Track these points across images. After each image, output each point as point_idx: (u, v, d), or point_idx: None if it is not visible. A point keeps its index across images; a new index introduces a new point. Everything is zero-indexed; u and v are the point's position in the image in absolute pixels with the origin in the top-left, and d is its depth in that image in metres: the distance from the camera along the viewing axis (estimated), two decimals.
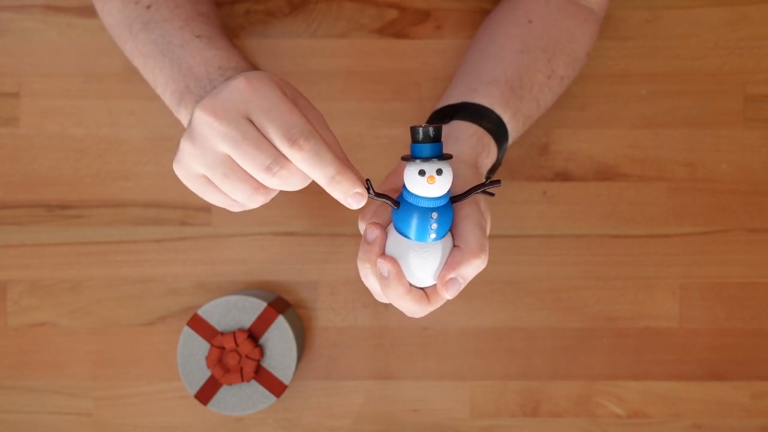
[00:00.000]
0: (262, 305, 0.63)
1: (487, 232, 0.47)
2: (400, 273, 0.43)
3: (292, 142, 0.40)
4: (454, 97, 0.58)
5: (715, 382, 0.69)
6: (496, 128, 0.55)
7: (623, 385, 0.69)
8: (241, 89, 0.41)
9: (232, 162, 0.42)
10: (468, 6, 0.70)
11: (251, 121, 0.41)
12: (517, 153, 0.69)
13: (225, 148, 0.41)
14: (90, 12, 0.69)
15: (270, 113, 0.40)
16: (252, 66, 0.52)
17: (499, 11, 0.64)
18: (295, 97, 0.43)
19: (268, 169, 0.41)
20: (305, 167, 0.41)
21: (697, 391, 0.69)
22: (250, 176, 0.42)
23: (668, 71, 0.70)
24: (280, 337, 0.63)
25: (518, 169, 0.69)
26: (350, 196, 0.41)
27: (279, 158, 0.41)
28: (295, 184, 0.42)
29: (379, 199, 0.43)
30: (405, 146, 0.69)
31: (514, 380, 0.69)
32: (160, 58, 0.52)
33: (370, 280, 0.45)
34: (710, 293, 0.69)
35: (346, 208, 0.42)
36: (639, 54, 0.70)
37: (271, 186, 0.42)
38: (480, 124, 0.54)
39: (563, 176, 0.69)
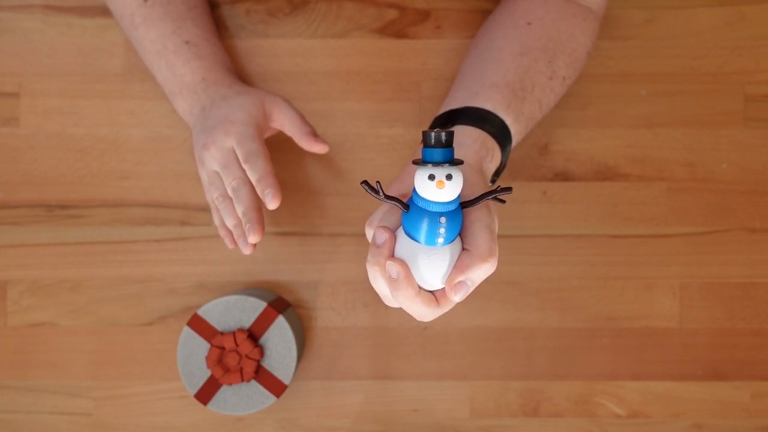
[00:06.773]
0: (262, 305, 0.63)
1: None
2: (409, 275, 0.43)
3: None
4: (455, 102, 0.58)
5: (715, 382, 0.69)
6: (499, 132, 0.55)
7: (623, 385, 0.69)
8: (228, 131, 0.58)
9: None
10: (468, 6, 0.70)
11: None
12: (517, 153, 0.69)
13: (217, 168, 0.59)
14: (90, 12, 0.69)
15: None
16: (230, 75, 0.64)
17: (497, 14, 0.64)
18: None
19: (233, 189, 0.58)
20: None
21: (697, 391, 0.69)
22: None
23: (668, 71, 0.70)
24: (280, 337, 0.63)
25: (518, 169, 0.69)
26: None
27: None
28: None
29: (389, 201, 0.43)
30: (405, 146, 0.69)
31: (515, 380, 0.69)
32: (156, 59, 0.63)
33: (379, 284, 0.45)
34: (710, 293, 0.69)
35: (346, 208, 0.42)
36: (639, 54, 0.70)
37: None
38: (483, 129, 0.54)
39: (563, 176, 0.69)
